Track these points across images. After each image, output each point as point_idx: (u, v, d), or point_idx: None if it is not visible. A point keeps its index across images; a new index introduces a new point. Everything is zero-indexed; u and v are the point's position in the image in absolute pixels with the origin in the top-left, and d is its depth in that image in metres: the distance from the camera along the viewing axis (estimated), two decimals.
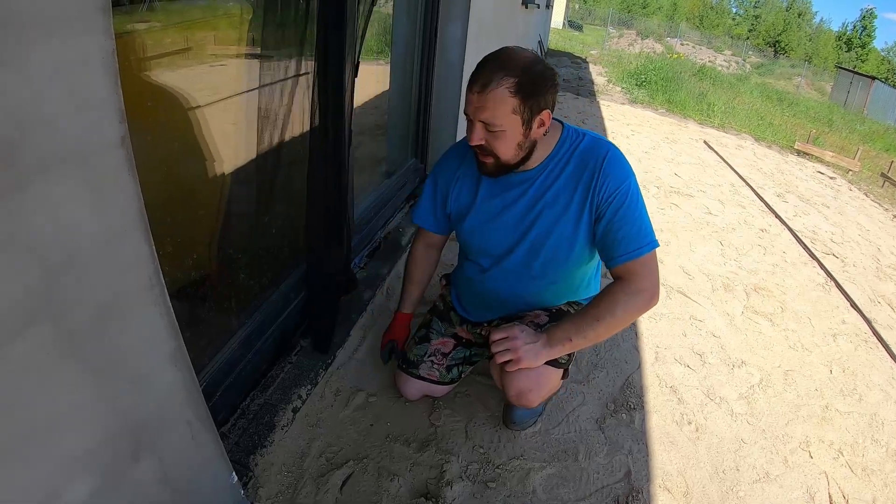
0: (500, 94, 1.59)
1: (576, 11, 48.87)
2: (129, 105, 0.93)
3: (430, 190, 2.08)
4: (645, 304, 1.74)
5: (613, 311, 1.71)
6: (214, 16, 1.94)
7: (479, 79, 1.61)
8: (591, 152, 1.80)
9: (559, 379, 1.95)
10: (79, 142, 0.86)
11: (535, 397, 1.89)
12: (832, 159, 9.64)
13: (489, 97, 1.59)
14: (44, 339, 0.87)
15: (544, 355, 1.76)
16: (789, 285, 3.93)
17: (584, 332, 1.74)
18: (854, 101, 25.96)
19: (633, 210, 1.75)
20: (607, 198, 1.74)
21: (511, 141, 1.68)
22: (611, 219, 1.74)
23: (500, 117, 1.62)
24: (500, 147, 1.69)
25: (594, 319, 1.72)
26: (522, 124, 1.66)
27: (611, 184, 1.74)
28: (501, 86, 1.58)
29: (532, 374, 1.82)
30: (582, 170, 1.78)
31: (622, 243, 1.73)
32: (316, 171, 2.04)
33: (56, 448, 0.95)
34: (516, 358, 1.74)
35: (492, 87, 1.59)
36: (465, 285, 2.18)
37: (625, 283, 1.74)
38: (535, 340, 1.76)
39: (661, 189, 5.61)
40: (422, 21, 3.57)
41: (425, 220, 2.12)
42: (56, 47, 0.79)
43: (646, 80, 13.85)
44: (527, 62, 1.62)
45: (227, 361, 1.94)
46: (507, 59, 1.62)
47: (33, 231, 0.82)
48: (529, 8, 8.21)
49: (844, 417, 2.57)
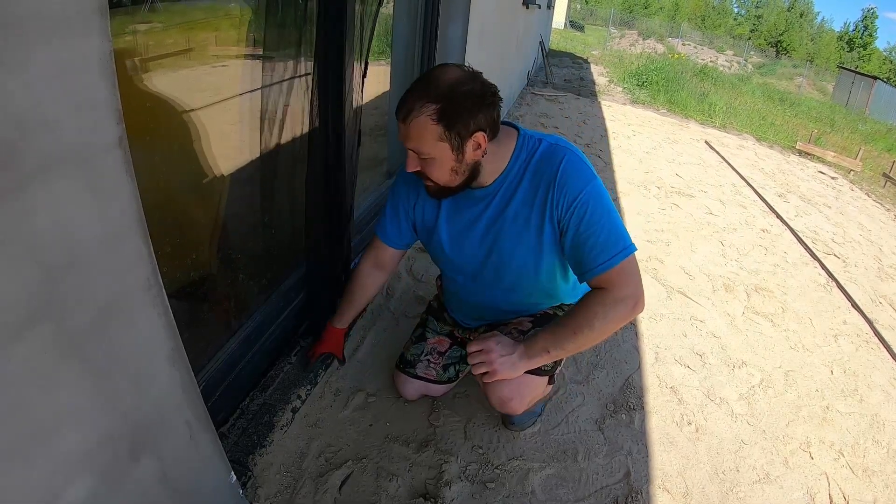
0: (422, 122, 1.53)
1: (577, 12, 48.86)
2: (129, 106, 0.94)
3: (390, 205, 2.03)
4: (628, 313, 1.66)
5: (591, 323, 1.64)
6: (216, 17, 1.95)
7: (403, 107, 1.56)
8: (546, 162, 1.71)
9: (544, 386, 1.94)
10: (78, 143, 0.86)
11: (518, 405, 1.87)
12: (834, 159, 9.64)
13: (412, 126, 1.55)
14: (44, 340, 0.88)
15: (522, 366, 1.73)
16: (790, 286, 3.93)
17: (561, 344, 1.69)
18: (856, 101, 25.94)
19: (598, 217, 1.65)
20: (567, 210, 1.66)
21: (444, 167, 1.63)
22: (575, 231, 1.67)
23: (426, 145, 1.57)
24: (434, 173, 1.65)
25: (572, 332, 1.67)
26: (452, 150, 1.59)
27: (569, 194, 1.65)
28: (423, 114, 1.52)
29: (513, 383, 1.79)
30: (538, 183, 1.71)
31: (592, 255, 1.65)
32: (315, 170, 2.04)
33: (56, 448, 0.96)
34: (492, 370, 1.71)
35: (413, 115, 1.53)
36: (449, 295, 2.18)
37: (603, 293, 1.66)
38: (512, 352, 1.72)
39: (662, 189, 5.61)
40: (422, 21, 3.58)
41: (388, 232, 2.04)
42: (55, 49, 0.79)
43: (647, 80, 13.86)
44: (451, 84, 1.54)
45: (227, 361, 1.94)
46: (430, 84, 1.55)
47: (34, 232, 0.82)
48: (530, 8, 8.22)
49: (845, 418, 2.57)
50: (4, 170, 0.76)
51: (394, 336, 2.58)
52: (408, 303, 2.90)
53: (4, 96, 0.73)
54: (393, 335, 2.60)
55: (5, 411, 0.85)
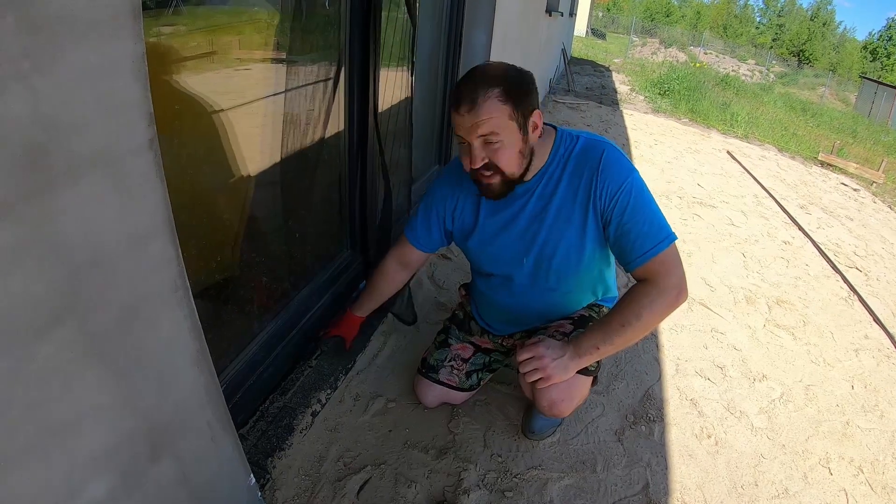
0: (492, 104, 1.57)
1: (599, 19, 48.73)
2: (155, 108, 0.94)
3: (423, 208, 2.06)
4: (673, 302, 1.69)
5: (639, 314, 1.66)
6: (240, 20, 1.96)
7: (464, 97, 1.60)
8: (587, 155, 1.76)
9: (589, 386, 1.95)
10: (108, 145, 0.87)
11: (567, 407, 1.89)
12: (856, 171, 9.53)
13: (482, 110, 1.57)
14: (69, 339, 0.88)
15: (573, 367, 1.75)
16: (812, 299, 3.88)
17: (611, 338, 1.71)
18: (879, 112, 25.62)
19: (641, 207, 1.70)
20: (610, 201, 1.70)
21: (513, 150, 1.65)
22: (619, 222, 1.71)
23: (498, 127, 1.60)
24: (503, 160, 1.66)
25: (620, 325, 1.69)
26: (519, 129, 1.64)
27: (611, 186, 1.70)
28: (490, 97, 1.57)
29: (562, 385, 1.80)
30: (580, 175, 1.75)
31: (636, 245, 1.69)
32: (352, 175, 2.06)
33: (77, 447, 0.96)
34: (546, 376, 1.73)
35: (481, 99, 1.57)
36: (482, 300, 2.18)
37: (648, 284, 1.69)
38: (563, 354, 1.74)
39: (683, 199, 5.58)
40: (447, 27, 3.58)
41: (418, 235, 2.07)
42: (87, 52, 0.80)
43: (669, 89, 13.78)
44: (502, 70, 1.63)
45: (248, 363, 1.95)
46: (484, 74, 1.61)
47: (60, 232, 0.83)
48: (553, 16, 8.22)
49: (865, 434, 2.54)
50: (33, 171, 0.77)
51: (414, 342, 2.58)
52: (429, 309, 2.90)
53: (35, 98, 0.74)
54: (414, 341, 2.60)
55: (28, 408, 0.85)
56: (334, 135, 2.26)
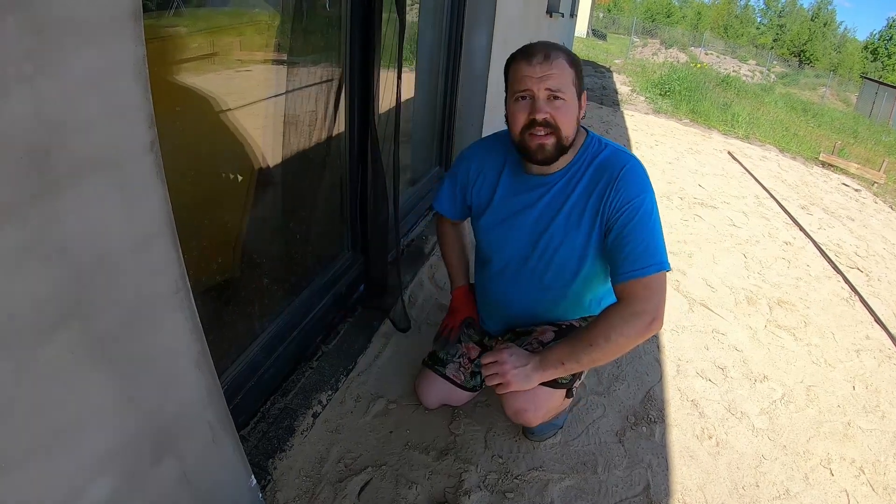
0: (562, 63, 1.65)
1: (600, 20, 48.66)
2: (156, 110, 0.95)
3: (449, 181, 2.10)
4: (644, 329, 1.64)
5: (608, 335, 1.64)
6: (241, 22, 1.96)
7: (538, 51, 1.66)
8: (610, 163, 1.76)
9: (561, 399, 1.93)
10: (110, 147, 0.87)
11: (532, 417, 1.88)
12: (857, 171, 9.51)
13: (555, 64, 1.64)
14: (72, 341, 0.89)
15: (536, 378, 1.76)
16: (813, 299, 3.88)
17: (577, 356, 1.70)
18: (880, 112, 25.57)
19: (643, 227, 1.69)
20: (617, 210, 1.70)
21: (572, 113, 1.70)
22: (619, 233, 1.70)
23: (565, 85, 1.65)
24: (563, 119, 1.68)
25: (588, 344, 1.68)
26: (577, 97, 1.70)
27: (623, 197, 1.70)
28: (560, 57, 1.65)
29: (527, 394, 1.81)
30: (597, 181, 1.75)
31: (626, 260, 1.66)
32: (353, 175, 2.07)
33: (80, 447, 0.97)
34: (505, 381, 1.75)
35: (554, 56, 1.64)
36: (481, 293, 2.19)
37: (623, 304, 1.67)
38: (525, 363, 1.76)
39: (684, 200, 5.58)
40: (447, 29, 3.58)
41: (445, 207, 2.14)
42: (89, 54, 0.80)
43: (670, 89, 13.75)
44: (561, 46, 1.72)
45: (249, 365, 1.95)
46: (549, 42, 1.70)
47: (64, 234, 0.83)
48: (554, 17, 8.21)
49: (866, 435, 2.54)
50: (37, 173, 0.77)
51: (416, 343, 2.58)
52: (430, 311, 2.90)
53: (38, 100, 0.74)
54: (415, 343, 2.59)
55: (32, 409, 0.86)
56: (335, 136, 2.27)
